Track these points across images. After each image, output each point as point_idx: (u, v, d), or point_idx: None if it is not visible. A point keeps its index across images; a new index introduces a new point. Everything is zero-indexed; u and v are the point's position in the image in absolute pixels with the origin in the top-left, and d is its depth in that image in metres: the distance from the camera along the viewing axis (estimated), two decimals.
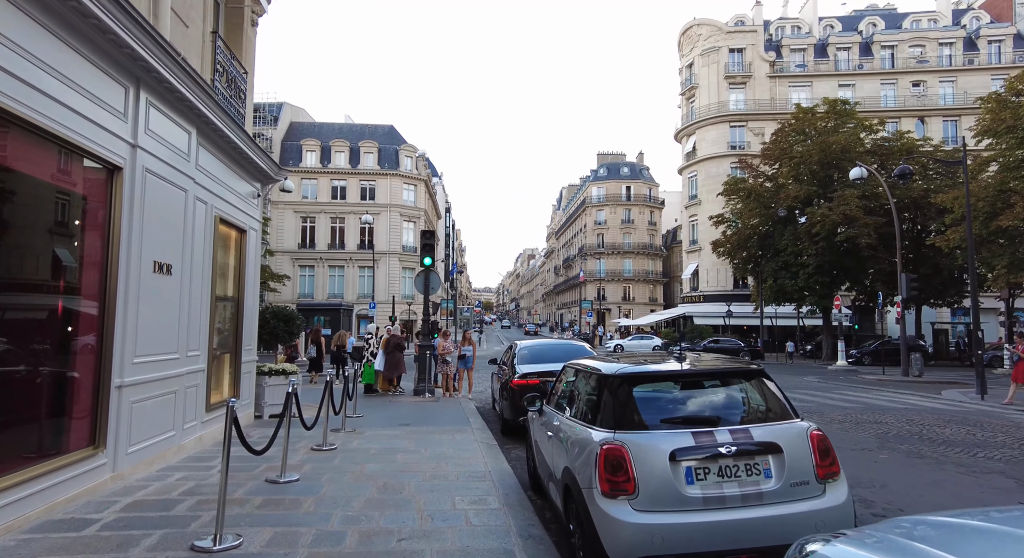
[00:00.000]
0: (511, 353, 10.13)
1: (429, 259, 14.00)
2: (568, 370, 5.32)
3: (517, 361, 9.38)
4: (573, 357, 9.60)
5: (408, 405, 12.18)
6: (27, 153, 4.40)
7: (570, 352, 9.80)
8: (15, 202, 4.38)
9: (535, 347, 10.06)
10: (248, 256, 9.11)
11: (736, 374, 3.94)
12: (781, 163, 35.64)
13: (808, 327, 43.78)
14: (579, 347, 10.06)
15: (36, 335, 4.67)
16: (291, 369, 10.09)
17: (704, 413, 3.73)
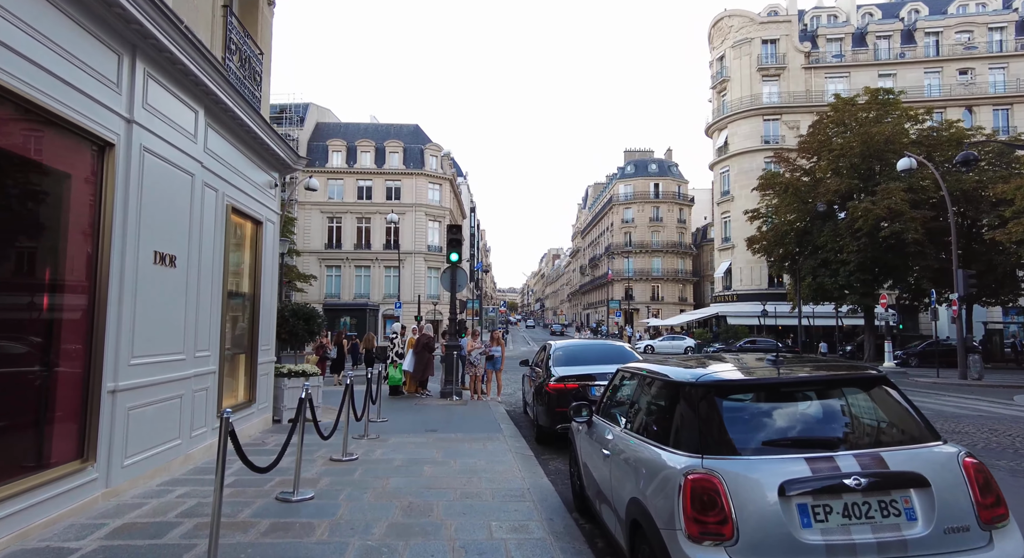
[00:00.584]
0: (545, 354, 9.37)
1: (456, 255, 13.31)
2: (623, 375, 4.54)
3: (552, 363, 8.61)
4: (614, 359, 8.82)
5: (435, 408, 11.50)
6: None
7: (610, 353, 9.01)
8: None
9: (571, 348, 9.28)
10: (265, 250, 8.52)
11: (851, 381, 3.11)
12: (819, 156, 34.18)
13: (847, 327, 42.08)
14: (619, 348, 9.25)
15: (7, 333, 4.07)
16: (311, 370, 9.50)
17: (818, 433, 2.91)
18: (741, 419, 2.89)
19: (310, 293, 48.62)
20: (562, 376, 8.02)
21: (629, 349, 9.20)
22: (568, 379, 7.96)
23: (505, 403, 13.44)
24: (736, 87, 49.31)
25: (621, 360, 8.71)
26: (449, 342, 13.33)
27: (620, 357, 8.84)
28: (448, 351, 13.20)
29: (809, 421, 2.95)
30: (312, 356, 12.97)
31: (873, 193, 30.26)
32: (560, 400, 7.82)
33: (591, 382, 7.92)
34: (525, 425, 10.29)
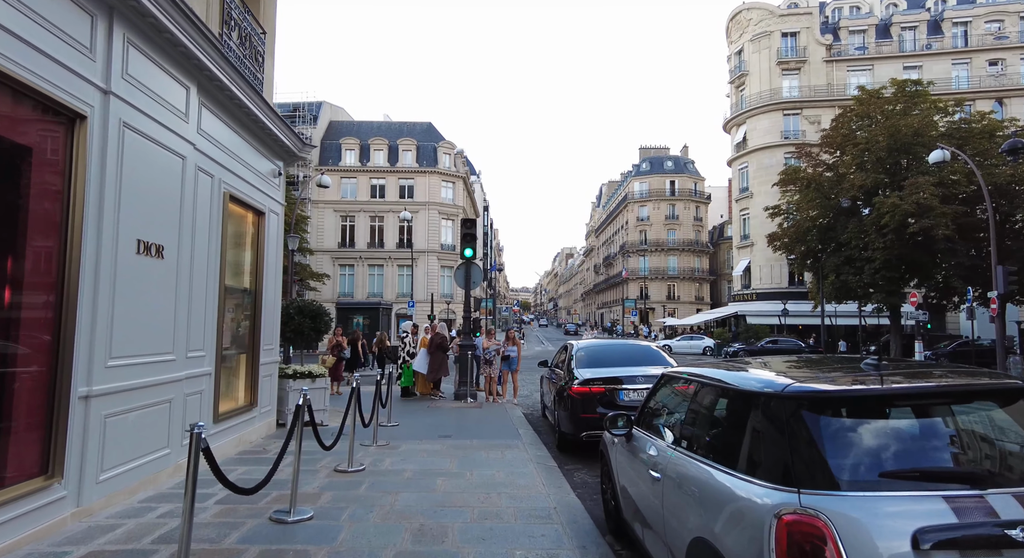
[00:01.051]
0: (566, 355, 8.73)
1: (470, 250, 12.71)
2: (671, 381, 3.88)
3: (575, 365, 7.97)
4: (641, 360, 8.17)
5: (449, 411, 10.91)
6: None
7: (637, 354, 8.36)
8: None
9: (595, 348, 8.63)
10: (267, 242, 7.97)
11: (991, 393, 2.44)
12: (843, 151, 33.13)
13: (870, 326, 40.93)
14: (646, 348, 8.58)
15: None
16: (318, 371, 8.94)
17: (956, 462, 2.24)
18: (846, 442, 2.22)
19: (324, 292, 48.41)
20: (587, 379, 7.38)
21: (657, 349, 8.53)
22: (594, 382, 7.31)
23: (522, 405, 12.81)
24: (755, 81, 48.25)
25: (649, 362, 8.07)
26: (463, 341, 12.74)
27: (648, 358, 8.20)
28: (462, 351, 12.61)
29: (939, 446, 2.26)
30: (328, 357, 12.12)
31: (900, 188, 29.20)
32: (585, 405, 7.19)
33: (618, 386, 7.28)
34: (545, 430, 9.65)
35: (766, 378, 2.68)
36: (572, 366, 7.98)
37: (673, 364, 8.04)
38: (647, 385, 7.24)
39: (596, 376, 7.43)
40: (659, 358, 8.20)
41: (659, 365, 7.94)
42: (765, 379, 2.67)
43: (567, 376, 8.01)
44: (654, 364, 7.97)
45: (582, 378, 7.46)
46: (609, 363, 7.97)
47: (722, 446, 2.70)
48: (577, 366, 7.90)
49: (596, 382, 7.31)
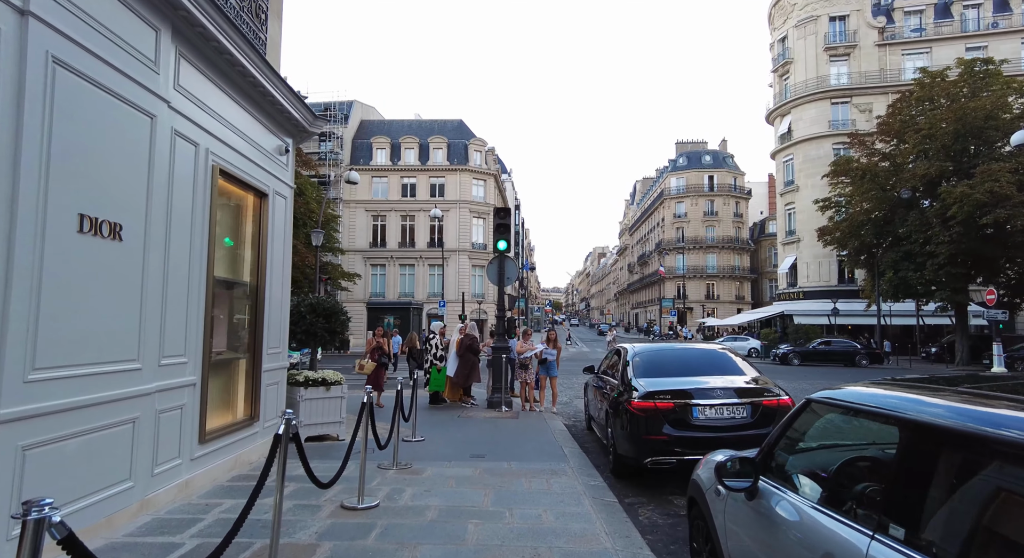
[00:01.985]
0: (620, 361, 7.40)
1: (504, 243, 11.48)
2: (832, 411, 2.53)
3: (633, 373, 6.64)
4: (715, 368, 6.74)
5: (481, 423, 9.68)
6: None
7: (708, 361, 6.99)
8: None
9: (655, 353, 7.27)
10: (272, 229, 6.87)
11: None
12: (902, 138, 30.83)
13: (928, 326, 38.27)
14: (719, 354, 7.17)
15: None
16: (333, 378, 7.82)
17: None
18: None
19: (355, 292, 47.96)
20: (651, 392, 6.04)
21: (729, 354, 7.13)
22: (660, 396, 5.97)
23: (562, 415, 11.52)
24: (800, 69, 45.85)
25: (723, 370, 6.67)
26: (497, 343, 11.50)
27: (720, 365, 6.81)
28: (495, 354, 11.37)
29: None
30: (367, 362, 10.61)
31: (969, 176, 26.88)
32: (649, 424, 5.86)
33: (689, 400, 5.92)
34: (593, 448, 8.34)
35: None
36: (629, 375, 6.65)
37: (754, 373, 6.65)
38: (728, 400, 5.88)
39: (662, 388, 6.08)
40: (733, 365, 6.81)
41: (736, 374, 6.56)
42: None
43: (622, 386, 6.69)
44: (729, 373, 6.59)
45: (644, 390, 6.12)
46: (673, 371, 6.62)
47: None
48: (635, 375, 6.56)
49: (662, 396, 5.96)
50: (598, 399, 8.11)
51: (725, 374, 6.56)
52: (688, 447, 5.71)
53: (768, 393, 5.98)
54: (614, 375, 7.47)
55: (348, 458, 4.75)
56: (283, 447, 3.40)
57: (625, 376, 6.75)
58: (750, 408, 5.87)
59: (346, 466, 4.61)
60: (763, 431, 5.79)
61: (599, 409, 7.99)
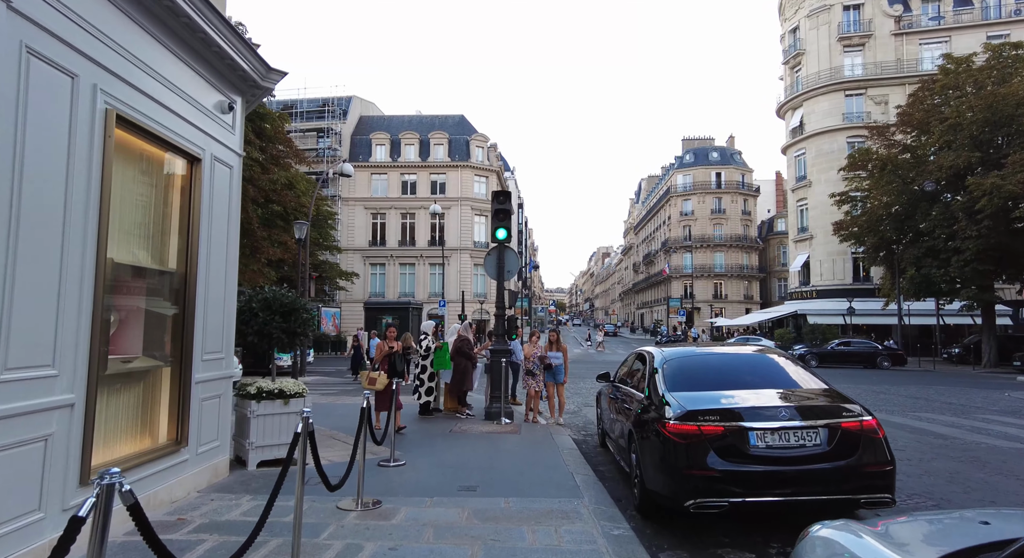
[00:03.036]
0: (644, 369, 5.96)
1: (503, 231, 10.05)
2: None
3: (665, 385, 5.20)
4: (768, 378, 5.15)
5: (476, 440, 8.25)
6: None
7: (757, 368, 5.57)
8: None
9: (690, 360, 5.82)
10: (208, 203, 5.46)
11: None
12: (924, 129, 29.29)
13: (950, 326, 36.70)
14: (767, 359, 5.71)
15: None
16: (293, 389, 6.39)
17: None
18: None
19: (354, 292, 46.69)
20: (693, 412, 4.59)
21: (783, 360, 5.68)
22: (705, 417, 4.53)
23: (569, 427, 10.09)
24: (813, 60, 44.33)
25: (778, 381, 5.22)
26: (496, 345, 10.06)
27: (774, 374, 5.39)
28: (494, 357, 9.94)
29: None
30: (377, 374, 8.09)
31: (999, 166, 25.33)
32: (693, 455, 4.42)
33: (744, 422, 4.47)
34: (610, 471, 6.91)
35: None
36: (659, 387, 5.21)
37: (818, 383, 5.21)
38: (795, 422, 4.44)
39: (707, 406, 4.64)
40: (788, 374, 5.36)
41: (793, 385, 5.13)
42: None
43: (651, 402, 5.26)
44: (785, 383, 5.17)
45: (682, 408, 4.67)
46: (714, 383, 5.19)
47: None
48: (669, 387, 5.12)
49: (708, 416, 4.52)
50: (616, 413, 6.67)
51: (780, 385, 5.13)
52: (747, 487, 4.28)
53: (846, 412, 4.54)
54: (637, 386, 6.04)
55: (275, 497, 3.33)
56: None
57: (654, 388, 5.31)
58: (826, 433, 4.43)
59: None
60: (844, 464, 4.35)
61: (617, 425, 6.55)
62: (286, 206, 24.61)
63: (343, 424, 9.16)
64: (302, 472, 3.68)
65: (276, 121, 24.71)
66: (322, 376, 20.89)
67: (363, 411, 5.01)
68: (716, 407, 4.60)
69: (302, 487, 3.64)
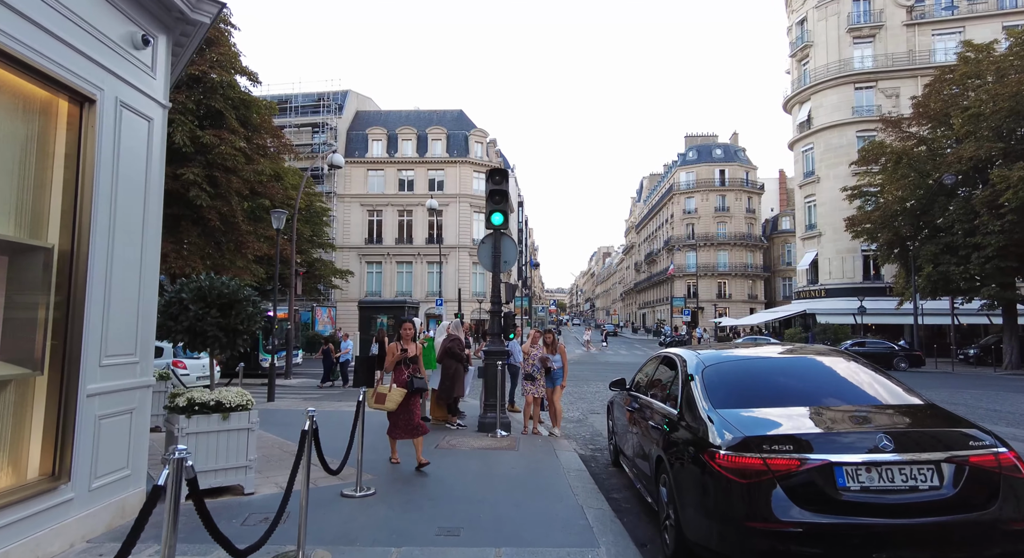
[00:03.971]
0: (676, 376, 4.67)
1: (499, 216, 8.78)
2: None
3: (707, 400, 3.90)
4: (845, 391, 3.72)
5: (466, 459, 6.97)
6: None
7: (829, 378, 4.26)
8: None
9: (736, 364, 4.49)
10: (106, 159, 4.18)
11: None
12: (941, 121, 28.04)
13: (964, 325, 35.41)
14: (837, 364, 4.42)
15: None
16: (235, 401, 5.12)
17: None
18: None
19: (349, 290, 45.43)
20: (755, 438, 3.29)
21: (854, 364, 4.39)
22: (772, 446, 3.23)
23: (572, 439, 8.82)
24: (821, 53, 43.05)
25: (858, 394, 3.92)
26: (490, 346, 8.77)
27: (850, 385, 4.09)
28: (489, 360, 8.65)
29: None
30: (389, 389, 6.16)
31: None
32: (757, 500, 3.13)
33: (825, 455, 3.17)
34: (628, 501, 5.63)
35: None
36: (699, 403, 3.92)
37: (917, 400, 3.92)
38: (899, 456, 3.15)
39: (773, 432, 3.35)
40: (868, 386, 4.07)
41: (883, 401, 3.84)
42: None
43: (688, 421, 3.97)
44: (870, 399, 3.87)
45: (739, 433, 3.37)
46: (772, 396, 3.91)
47: None
48: (714, 402, 3.83)
49: (776, 445, 3.22)
50: (636, 430, 5.39)
51: (862, 400, 3.85)
52: (838, 548, 2.99)
53: (973, 441, 3.25)
54: (665, 398, 4.76)
55: None
56: None
57: (691, 404, 4.02)
58: (950, 471, 3.14)
59: None
60: (977, 516, 3.06)
61: (637, 444, 5.27)
62: (273, 199, 23.30)
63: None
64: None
65: (263, 110, 23.40)
66: (309, 379, 19.61)
67: (305, 435, 3.73)
68: (785, 433, 3.30)
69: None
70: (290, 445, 7.51)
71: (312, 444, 3.89)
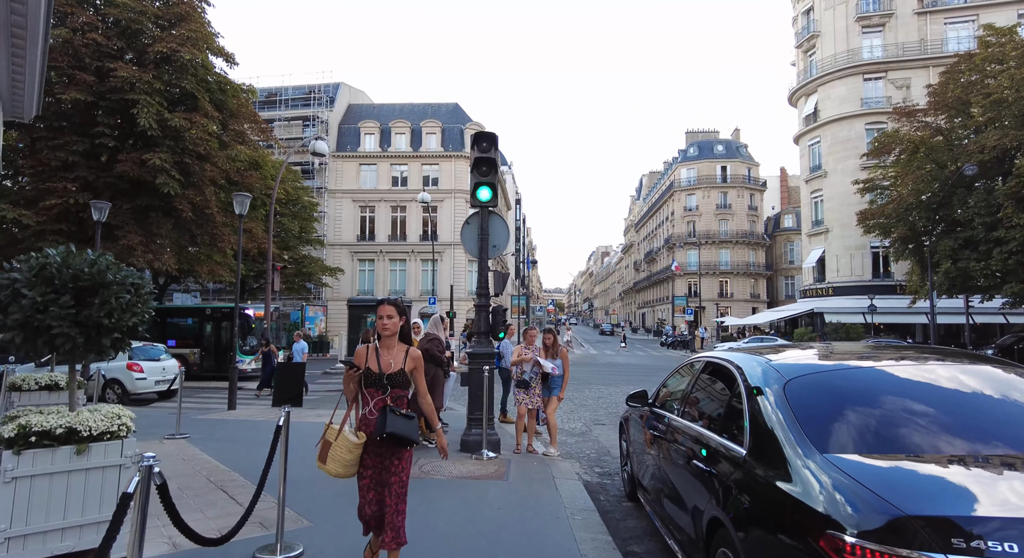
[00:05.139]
0: (740, 394, 3.13)
1: (487, 190, 7.26)
2: None
3: (808, 437, 2.37)
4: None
5: (439, 492, 5.45)
6: None
7: (1002, 402, 2.70)
8: None
9: (839, 378, 2.94)
10: None
11: None
12: (961, 109, 26.57)
13: (979, 325, 34.00)
14: (1005, 378, 2.90)
15: None
16: (97, 427, 3.60)
17: None
18: None
19: (340, 289, 43.91)
20: (920, 521, 1.76)
21: None
22: (953, 531, 1.69)
23: (573, 457, 7.31)
24: (828, 43, 41.62)
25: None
26: (476, 347, 7.24)
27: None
28: (474, 364, 7.12)
29: None
30: (342, 437, 3.42)
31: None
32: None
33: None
34: (652, 553, 4.13)
35: None
36: (783, 437, 2.40)
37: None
38: None
39: (950, 509, 1.82)
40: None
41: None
42: None
43: (763, 469, 2.44)
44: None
45: (886, 506, 1.86)
46: (914, 434, 2.39)
47: None
48: (812, 440, 2.31)
49: (963, 530, 1.70)
50: (663, 460, 3.89)
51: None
52: None
53: None
54: (715, 423, 3.25)
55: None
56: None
57: (770, 441, 2.51)
58: None
59: None
60: None
61: (669, 485, 3.77)
62: (251, 189, 21.73)
63: (260, 457, 6.36)
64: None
65: (240, 93, 21.85)
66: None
67: (128, 498, 2.21)
68: (977, 509, 1.79)
69: None
70: (223, 470, 5.98)
71: (162, 503, 2.36)
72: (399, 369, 3.38)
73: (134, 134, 18.80)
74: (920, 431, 2.35)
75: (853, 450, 2.28)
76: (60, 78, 17.45)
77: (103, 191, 18.10)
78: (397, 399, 3.36)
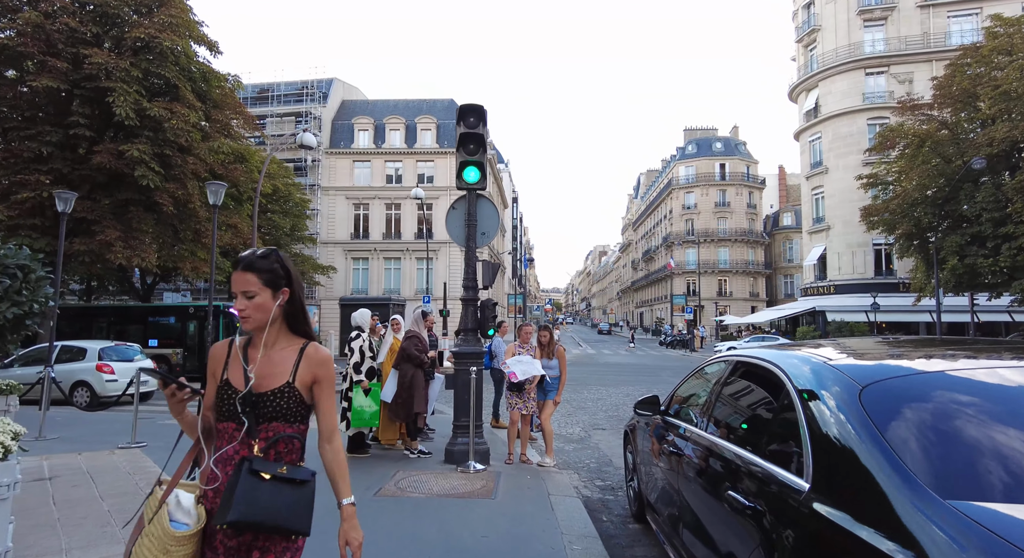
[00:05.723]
0: (793, 403, 2.36)
1: (475, 171, 6.52)
2: None
3: (911, 472, 1.60)
4: None
5: (414, 515, 4.69)
6: None
7: None
8: None
9: (936, 385, 2.14)
10: None
11: None
12: (967, 101, 25.93)
13: (984, 324, 33.39)
14: None
15: None
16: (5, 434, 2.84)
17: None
18: None
19: (333, 288, 43.11)
20: None
21: None
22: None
23: (571, 468, 6.56)
24: (829, 37, 40.95)
25: None
26: (463, 346, 6.48)
27: None
28: (460, 364, 6.36)
29: None
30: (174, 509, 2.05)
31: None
32: None
33: None
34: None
35: None
36: (879, 474, 1.64)
37: None
38: None
39: None
40: None
41: None
42: None
43: (836, 519, 1.67)
44: None
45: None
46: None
47: None
48: (919, 477, 1.56)
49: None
50: (684, 482, 3.14)
51: None
52: None
53: None
54: (748, 440, 2.50)
55: None
56: None
57: (850, 474, 1.76)
58: None
59: None
60: None
61: (689, 516, 3.02)
62: (237, 183, 20.93)
63: None
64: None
65: (224, 82, 21.03)
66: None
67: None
68: None
69: None
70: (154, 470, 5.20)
71: None
72: (281, 385, 1.81)
73: (112, 125, 17.98)
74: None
75: (981, 495, 1.53)
76: (32, 65, 16.65)
77: (80, 184, 17.28)
78: (276, 443, 1.78)
